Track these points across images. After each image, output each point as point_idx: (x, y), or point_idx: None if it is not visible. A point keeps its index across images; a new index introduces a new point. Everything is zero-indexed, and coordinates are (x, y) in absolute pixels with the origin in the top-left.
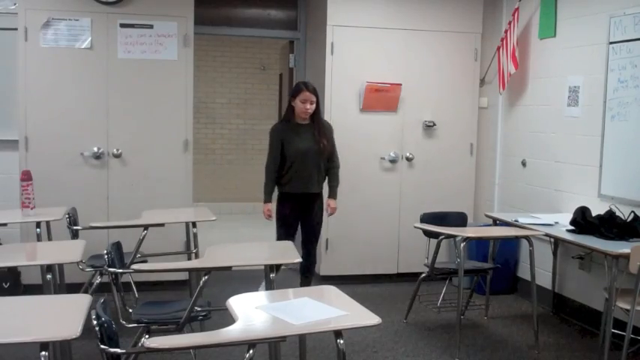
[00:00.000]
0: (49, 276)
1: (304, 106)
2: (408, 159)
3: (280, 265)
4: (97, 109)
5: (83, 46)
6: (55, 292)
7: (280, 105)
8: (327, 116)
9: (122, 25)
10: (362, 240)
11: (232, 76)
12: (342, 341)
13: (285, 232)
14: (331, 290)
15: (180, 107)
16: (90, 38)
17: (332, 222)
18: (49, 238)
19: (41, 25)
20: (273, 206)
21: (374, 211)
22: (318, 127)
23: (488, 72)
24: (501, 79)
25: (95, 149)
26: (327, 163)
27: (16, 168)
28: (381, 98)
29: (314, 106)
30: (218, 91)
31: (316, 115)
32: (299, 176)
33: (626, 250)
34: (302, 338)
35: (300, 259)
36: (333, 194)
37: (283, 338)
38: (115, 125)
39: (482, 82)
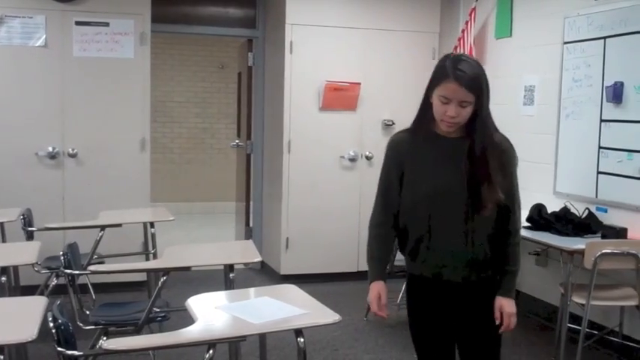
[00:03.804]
0: (3, 278)
1: (443, 109)
2: (368, 157)
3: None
4: (51, 109)
5: (37, 44)
6: (10, 295)
7: (239, 103)
8: (285, 115)
9: (77, 23)
10: (322, 238)
11: (190, 74)
12: (302, 340)
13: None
14: (291, 289)
15: (137, 106)
16: (44, 36)
17: (292, 221)
18: (3, 240)
19: None
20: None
21: (334, 209)
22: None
23: None
24: None
25: (50, 149)
26: (497, 223)
27: None
28: (340, 97)
29: (469, 109)
30: (176, 90)
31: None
32: (430, 243)
33: (581, 246)
34: (262, 337)
35: (259, 259)
36: (508, 288)
37: (243, 338)
38: (71, 124)
39: None
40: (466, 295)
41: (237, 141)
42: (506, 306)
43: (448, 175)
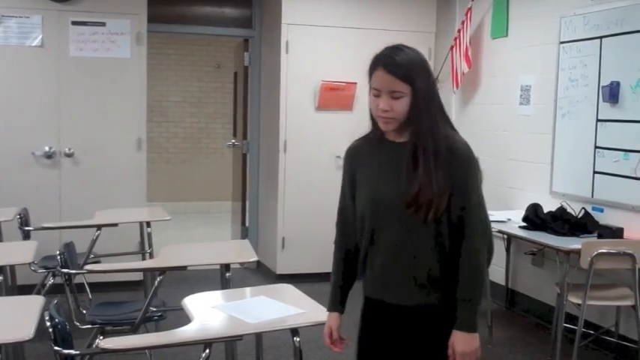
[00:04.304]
0: (0, 278)
1: (376, 103)
2: None
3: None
4: (48, 108)
5: (34, 44)
6: (7, 294)
7: (235, 103)
8: (281, 115)
9: (74, 23)
10: (318, 238)
11: (186, 74)
12: (298, 339)
13: None
14: (287, 288)
15: (133, 106)
16: (41, 36)
17: (288, 220)
18: (0, 240)
19: None
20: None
21: (330, 209)
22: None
23: (441, 71)
24: (455, 78)
25: (47, 148)
26: (451, 241)
27: None
28: (336, 97)
29: (403, 101)
30: (172, 90)
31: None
32: (372, 260)
33: (577, 246)
34: (258, 337)
35: (255, 258)
36: (461, 320)
37: (239, 337)
38: (67, 124)
39: (436, 80)
40: (412, 324)
41: (233, 141)
42: (457, 343)
43: (389, 184)
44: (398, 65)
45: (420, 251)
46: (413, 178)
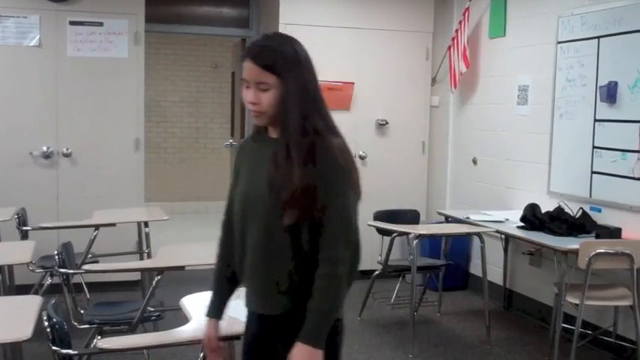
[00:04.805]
0: None
1: (245, 95)
2: (362, 157)
3: None
4: (46, 108)
5: (32, 44)
6: (5, 294)
7: (233, 103)
8: None
9: (72, 23)
10: None
11: (184, 74)
12: None
13: None
14: None
15: (131, 106)
16: (39, 36)
17: None
18: None
19: None
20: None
21: None
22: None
23: (439, 71)
24: (452, 78)
25: (44, 148)
26: (304, 239)
27: None
28: (333, 97)
29: (270, 94)
30: (169, 90)
31: (280, 117)
32: (242, 263)
33: (575, 246)
34: None
35: None
36: (305, 332)
37: (238, 337)
38: (65, 124)
39: (433, 80)
40: (270, 334)
41: (230, 140)
42: (294, 356)
43: (255, 182)
44: (264, 55)
45: (282, 257)
46: (274, 177)
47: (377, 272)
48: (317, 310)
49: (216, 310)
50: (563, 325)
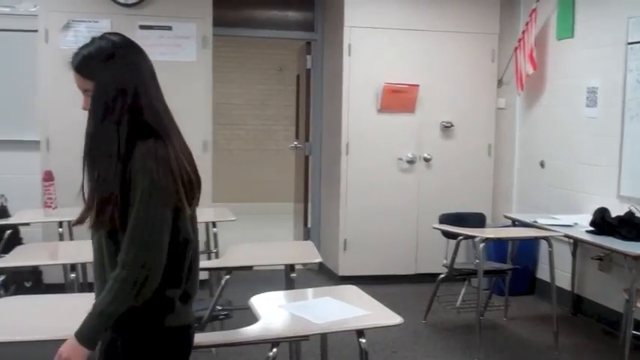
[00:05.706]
0: (72, 275)
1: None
2: (426, 159)
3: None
4: None
5: None
6: (79, 291)
7: (298, 106)
8: (343, 117)
9: (141, 27)
10: (380, 240)
11: (249, 77)
12: (364, 340)
13: None
14: (352, 290)
15: (199, 108)
16: None
17: (349, 222)
18: (71, 238)
19: (61, 27)
20: None
21: (392, 211)
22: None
23: (505, 73)
24: (519, 79)
25: None
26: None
27: (35, 168)
28: (398, 99)
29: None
30: (235, 92)
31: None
32: None
33: None
34: (324, 337)
35: (320, 259)
36: (79, 327)
37: (306, 337)
38: None
39: (499, 82)
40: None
41: (295, 143)
42: (61, 347)
43: None
44: (78, 61)
45: (105, 266)
46: (87, 185)
47: (442, 276)
48: (92, 309)
49: None
50: (633, 332)
